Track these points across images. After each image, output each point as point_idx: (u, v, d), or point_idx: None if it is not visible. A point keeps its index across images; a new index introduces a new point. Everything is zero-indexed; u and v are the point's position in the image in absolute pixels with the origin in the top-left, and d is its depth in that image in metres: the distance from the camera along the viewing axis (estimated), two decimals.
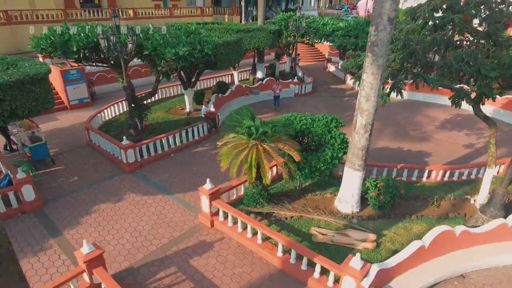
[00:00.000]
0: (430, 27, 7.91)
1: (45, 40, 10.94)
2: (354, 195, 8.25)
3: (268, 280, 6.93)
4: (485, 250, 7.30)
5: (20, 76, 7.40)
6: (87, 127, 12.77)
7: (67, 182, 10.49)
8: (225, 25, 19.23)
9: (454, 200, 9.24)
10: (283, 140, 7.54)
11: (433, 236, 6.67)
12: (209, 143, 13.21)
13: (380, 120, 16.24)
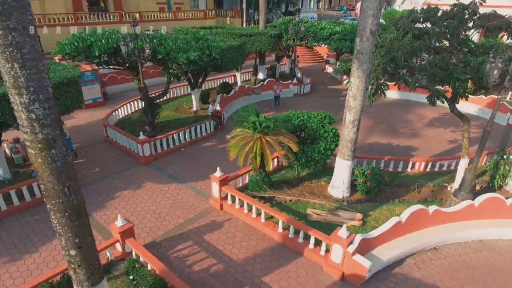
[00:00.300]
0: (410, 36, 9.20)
1: (69, 45, 12.24)
2: (344, 182, 9.55)
3: (270, 251, 8.22)
4: (455, 227, 8.60)
5: (60, 79, 8.71)
6: (105, 124, 14.08)
7: (90, 172, 11.80)
8: (228, 29, 20.53)
9: (434, 187, 10.54)
10: (283, 133, 8.84)
11: (409, 213, 7.97)
12: (216, 139, 14.52)
13: (373, 118, 17.58)
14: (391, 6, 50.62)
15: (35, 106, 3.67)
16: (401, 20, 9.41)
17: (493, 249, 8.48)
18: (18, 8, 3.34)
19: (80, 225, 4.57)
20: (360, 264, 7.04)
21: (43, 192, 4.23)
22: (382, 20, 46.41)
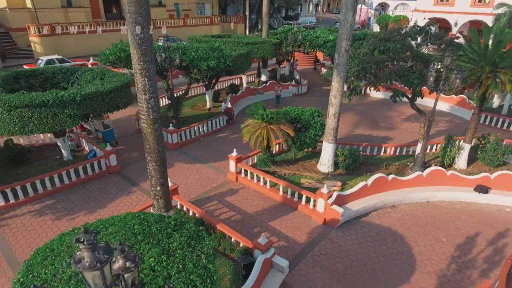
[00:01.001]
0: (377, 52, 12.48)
1: (113, 55, 15.52)
2: (329, 160, 12.81)
3: (273, 208, 11.48)
4: (409, 191, 11.85)
5: (122, 83, 11.99)
6: (137, 118, 17.33)
7: (130, 156, 15.05)
8: (235, 37, 23.81)
9: (398, 166, 13.80)
10: (283, 123, 12.10)
11: (373, 179, 11.22)
12: (228, 131, 17.80)
13: (359, 114, 20.86)
14: (385, 11, 53.89)
15: (151, 100, 6.94)
16: (371, 38, 12.68)
17: (435, 206, 11.76)
18: (150, 49, 6.59)
19: (163, 171, 7.85)
20: (336, 211, 10.30)
21: (146, 149, 7.49)
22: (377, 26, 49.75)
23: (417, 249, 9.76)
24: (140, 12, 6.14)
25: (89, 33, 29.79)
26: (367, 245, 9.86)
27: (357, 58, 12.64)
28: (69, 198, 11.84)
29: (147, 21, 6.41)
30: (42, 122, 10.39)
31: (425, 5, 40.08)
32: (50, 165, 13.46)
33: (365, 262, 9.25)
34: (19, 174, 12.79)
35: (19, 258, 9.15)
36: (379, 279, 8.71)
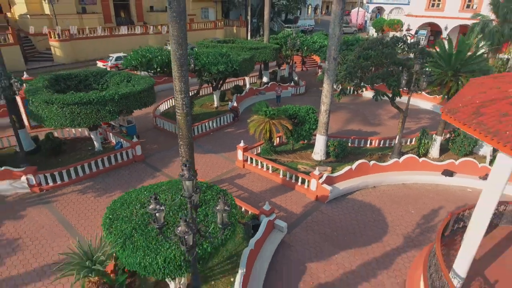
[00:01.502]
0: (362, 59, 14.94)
1: (135, 60, 17.93)
2: (321, 150, 15.25)
3: (275, 188, 13.92)
4: (387, 175, 14.30)
5: (149, 84, 14.46)
6: (154, 115, 19.81)
7: (151, 147, 17.49)
8: (239, 43, 26.25)
9: (381, 155, 16.24)
10: (283, 118, 14.55)
11: (356, 164, 13.67)
12: (234, 127, 20.25)
13: (351, 113, 23.31)
14: (381, 15, 56.39)
15: (185, 99, 9.39)
16: (357, 47, 15.14)
17: (409, 187, 14.22)
18: (185, 62, 9.03)
19: (191, 152, 10.29)
20: (326, 189, 12.75)
21: (179, 135, 9.94)
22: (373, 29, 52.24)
23: (390, 219, 12.22)
24: (181, 36, 8.57)
25: (103, 37, 32.24)
26: (350, 216, 12.32)
27: (345, 64, 15.10)
28: (105, 181, 14.29)
29: (185, 43, 8.84)
30: (87, 117, 12.86)
31: (417, 10, 42.52)
32: (84, 155, 15.89)
33: (348, 227, 11.71)
34: (59, 162, 15.22)
35: (72, 224, 11.60)
36: (358, 240, 11.16)
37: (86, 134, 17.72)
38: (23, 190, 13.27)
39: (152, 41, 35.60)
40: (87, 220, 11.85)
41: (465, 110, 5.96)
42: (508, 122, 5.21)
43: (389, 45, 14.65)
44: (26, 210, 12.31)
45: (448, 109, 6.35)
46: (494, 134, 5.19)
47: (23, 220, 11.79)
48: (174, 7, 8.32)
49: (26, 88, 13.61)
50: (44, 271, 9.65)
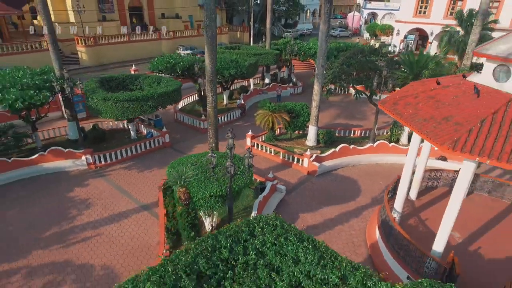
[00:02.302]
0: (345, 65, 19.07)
1: (161, 64, 22.02)
2: (313, 137, 19.37)
3: (276, 166, 18.05)
4: (364, 156, 18.42)
5: (177, 85, 18.61)
6: (175, 110, 23.94)
7: (175, 137, 21.59)
8: (244, 49, 30.36)
9: (361, 142, 20.36)
10: (282, 112, 18.67)
11: (339, 147, 17.80)
12: (242, 121, 24.35)
13: (340, 109, 27.43)
14: (375, 20, 60.49)
15: (214, 97, 13.50)
16: (342, 57, 19.26)
17: (381, 166, 18.34)
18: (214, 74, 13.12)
19: (216, 135, 14.42)
20: (315, 165, 16.87)
21: (209, 122, 14.04)
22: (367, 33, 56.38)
23: (363, 187, 16.34)
24: (212, 54, 12.67)
25: (122, 43, 36.38)
26: (333, 185, 16.46)
27: (332, 69, 19.25)
28: (143, 161, 18.42)
29: (215, 60, 12.96)
30: (134, 110, 17.00)
31: (406, 17, 46.63)
32: (122, 142, 19.99)
33: (331, 192, 15.83)
34: (104, 147, 19.31)
35: (125, 189, 15.72)
36: (338, 200, 15.28)
37: (120, 126, 21.85)
38: (82, 167, 17.41)
39: (164, 46, 39.74)
40: (136, 187, 15.98)
41: (390, 101, 10.05)
42: (408, 108, 9.28)
43: (366, 55, 18.78)
44: (88, 181, 16.44)
45: (382, 101, 10.46)
46: (401, 116, 9.27)
47: (88, 187, 15.93)
48: (209, 33, 12.45)
49: (85, 88, 17.71)
50: (113, 218, 13.78)
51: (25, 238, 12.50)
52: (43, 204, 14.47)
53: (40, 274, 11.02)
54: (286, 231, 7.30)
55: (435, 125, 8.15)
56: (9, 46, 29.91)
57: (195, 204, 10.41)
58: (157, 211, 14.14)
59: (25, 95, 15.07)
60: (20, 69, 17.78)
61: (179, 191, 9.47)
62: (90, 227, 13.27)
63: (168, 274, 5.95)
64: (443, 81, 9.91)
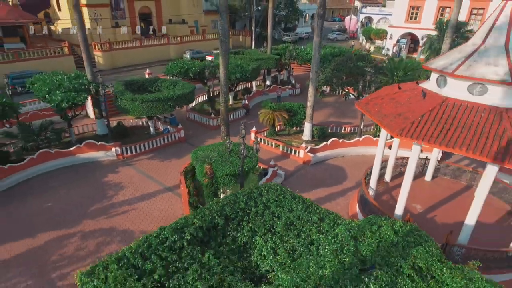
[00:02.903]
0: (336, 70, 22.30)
1: (176, 69, 25.25)
2: (308, 133, 22.61)
3: (276, 157, 21.27)
4: (351, 148, 21.64)
5: (192, 88, 21.85)
6: (187, 109, 27.17)
7: (188, 133, 24.81)
8: (248, 54, 33.60)
9: (350, 137, 23.59)
10: (282, 111, 21.91)
11: (330, 141, 21.04)
12: (246, 119, 27.55)
13: (334, 109, 30.65)
14: (371, 24, 63.72)
15: (226, 98, 16.74)
16: (333, 62, 22.48)
17: (366, 157, 21.55)
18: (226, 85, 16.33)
19: (228, 129, 17.67)
20: (309, 156, 20.11)
21: (221, 118, 17.27)
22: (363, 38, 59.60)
23: (349, 174, 19.56)
24: (225, 65, 15.90)
25: (134, 48, 39.63)
26: (324, 172, 19.68)
27: (324, 74, 22.49)
28: (162, 153, 21.66)
29: (227, 69, 16.19)
30: (157, 109, 20.24)
31: (399, 22, 49.89)
32: (142, 137, 23.19)
33: (322, 178, 19.04)
34: (127, 141, 22.52)
35: (150, 175, 18.94)
36: (328, 184, 18.47)
37: (140, 123, 25.08)
38: (112, 158, 20.64)
39: (172, 50, 42.98)
40: (159, 173, 19.20)
41: (363, 101, 13.27)
42: (376, 107, 12.49)
43: (354, 62, 22.03)
44: (119, 169, 19.67)
45: (358, 102, 13.67)
46: (370, 112, 12.48)
47: (119, 174, 19.16)
48: (223, 48, 15.69)
49: (115, 90, 20.93)
50: (143, 197, 17.00)
51: (76, 212, 15.73)
52: (85, 187, 17.71)
53: (92, 237, 14.24)
54: (283, 192, 10.55)
55: (391, 119, 11.38)
56: (33, 52, 33.07)
57: (216, 180, 13.65)
58: (179, 192, 17.36)
59: (69, 97, 18.29)
60: (58, 74, 20.98)
61: (206, 167, 12.67)
62: (126, 203, 16.50)
63: (206, 215, 9.18)
64: (403, 87, 13.15)
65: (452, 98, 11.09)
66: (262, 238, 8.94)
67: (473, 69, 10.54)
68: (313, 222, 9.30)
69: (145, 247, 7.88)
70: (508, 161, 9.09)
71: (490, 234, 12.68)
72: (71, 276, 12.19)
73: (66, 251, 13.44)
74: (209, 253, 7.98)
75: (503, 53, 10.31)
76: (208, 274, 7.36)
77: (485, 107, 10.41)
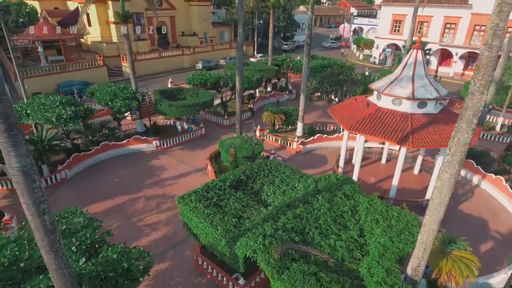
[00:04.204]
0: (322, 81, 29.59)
1: (197, 79, 32.50)
2: (300, 130, 29.88)
3: (275, 148, 28.56)
4: (332, 142, 28.90)
5: (211, 96, 29.07)
6: (204, 112, 34.42)
7: (207, 130, 32.06)
8: (252, 66, 40.86)
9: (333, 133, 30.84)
10: (280, 113, 29.18)
11: (316, 136, 28.30)
12: (251, 119, 34.84)
13: (323, 112, 37.93)
14: (361, 34, 70.98)
15: (240, 104, 23.98)
16: (319, 77, 29.75)
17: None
18: (242, 89, 23.55)
19: (241, 126, 24.93)
20: (301, 147, 27.41)
21: (236, 117, 24.49)
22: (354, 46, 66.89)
23: (329, 160, 26.80)
24: (240, 80, 23.07)
25: (154, 59, 46.91)
26: (311, 159, 26.94)
27: (313, 85, 29.76)
28: (188, 146, 28.93)
29: (242, 83, 23.35)
30: (186, 112, 27.53)
31: (384, 33, 57.17)
32: (172, 133, 30.39)
33: (309, 162, 26.30)
34: (161, 137, 29.73)
35: (183, 161, 26.19)
36: (314, 166, 25.70)
37: (168, 123, 32.31)
38: (153, 149, 27.88)
39: (186, 60, 50.26)
40: (189, 159, 26.47)
41: (332, 108, 20.47)
42: (339, 112, 19.67)
43: (335, 76, 29.31)
44: (159, 156, 26.92)
45: (329, 108, 20.87)
46: (335, 115, 19.64)
47: (160, 160, 26.42)
48: (239, 69, 22.89)
49: (155, 98, 28.17)
50: (181, 175, 24.23)
51: (137, 184, 22.97)
52: (138, 169, 24.95)
53: (152, 199, 21.48)
54: (280, 164, 17.80)
55: (347, 120, 18.62)
56: (75, 64, 40.32)
57: (237, 159, 20.92)
58: (206, 172, 24.58)
59: (126, 103, 25.50)
60: (111, 85, 28.19)
61: (231, 150, 19.86)
62: (170, 179, 23.75)
63: (235, 174, 16.44)
64: (358, 99, 20.40)
65: (383, 107, 18.36)
66: (267, 187, 16.18)
67: (394, 90, 17.80)
68: (296, 178, 16.54)
69: (206, 187, 15.13)
70: (406, 144, 16.34)
71: (413, 193, 19.93)
72: (144, 220, 19.42)
73: (137, 207, 20.68)
74: (239, 192, 15.22)
75: (410, 81, 17.56)
76: (240, 202, 14.60)
77: (400, 113, 17.68)
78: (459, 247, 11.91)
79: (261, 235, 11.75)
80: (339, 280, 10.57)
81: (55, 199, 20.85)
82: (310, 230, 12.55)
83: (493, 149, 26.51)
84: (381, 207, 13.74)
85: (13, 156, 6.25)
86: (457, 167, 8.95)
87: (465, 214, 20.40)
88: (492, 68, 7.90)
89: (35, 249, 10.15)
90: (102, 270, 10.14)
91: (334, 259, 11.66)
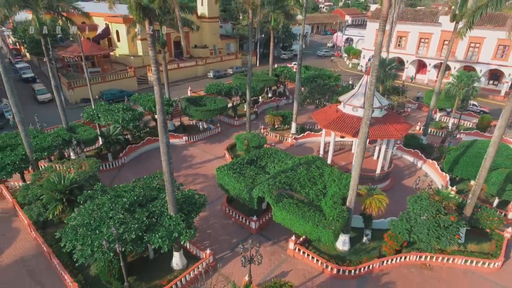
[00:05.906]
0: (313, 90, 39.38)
1: (213, 89, 42.26)
2: (294, 129, 39.64)
3: (275, 142, 38.34)
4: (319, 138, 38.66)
5: (226, 103, 38.82)
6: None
7: (221, 129, 41.79)
8: (256, 76, 50.59)
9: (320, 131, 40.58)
10: (279, 115, 38.93)
11: (306, 133, 38.07)
12: (256, 120, 44.58)
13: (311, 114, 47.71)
14: (352, 44, 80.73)
15: (249, 109, 33.72)
16: (308, 88, 39.50)
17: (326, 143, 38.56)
18: (250, 96, 33.25)
19: (250, 126, 34.72)
20: (294, 141, 37.22)
21: (247, 118, 34.22)
22: (345, 54, 76.69)
23: (314, 151, 36.55)
24: (249, 93, 32.73)
25: (173, 69, 56.67)
26: (301, 150, 36.76)
27: (304, 94, 39.53)
28: (209, 140, 38.77)
29: (250, 94, 33.03)
30: (208, 115, 37.37)
31: (369, 45, 66.92)
32: (195, 131, 40.11)
33: (299, 152, 35.99)
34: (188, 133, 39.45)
35: (207, 151, 35.99)
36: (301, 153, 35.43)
37: (191, 123, 42.06)
38: (183, 143, 37.68)
39: (199, 70, 60.02)
40: (211, 150, 36.31)
41: (315, 113, 30.14)
42: (317, 115, 29.33)
43: (321, 87, 39.09)
44: (188, 149, 36.74)
45: (313, 112, 30.53)
46: (315, 118, 29.28)
47: (189, 151, 36.25)
48: (249, 87, 32.62)
49: (185, 104, 37.94)
50: (207, 161, 34.03)
51: (175, 167, 32.71)
52: (173, 157, 34.67)
53: (189, 176, 31.24)
54: (278, 151, 27.60)
55: (322, 120, 28.39)
56: (112, 74, 50.02)
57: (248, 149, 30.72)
58: (225, 158, 34.28)
59: (166, 109, 35.22)
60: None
61: (245, 142, 29.58)
62: (199, 164, 33.54)
63: (250, 156, 26.27)
64: (332, 106, 30.14)
65: (346, 113, 28.12)
66: (270, 164, 25.95)
67: (353, 101, 27.55)
68: (288, 158, 26.30)
69: (233, 163, 24.92)
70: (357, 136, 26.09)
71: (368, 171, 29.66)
72: (187, 187, 29.21)
73: (179, 179, 30.40)
74: (252, 166, 25.03)
75: (363, 95, 27.30)
76: (253, 171, 24.38)
77: (356, 117, 27.43)
78: (378, 193, 21.66)
79: (266, 185, 21.50)
80: (310, 208, 20.29)
81: (122, 176, 30.63)
82: (294, 184, 22.30)
83: (437, 142, 36.33)
84: (337, 173, 23.52)
85: (163, 134, 16.06)
86: (363, 144, 18.71)
87: (405, 184, 30.22)
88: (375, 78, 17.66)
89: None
90: (184, 201, 19.97)
91: (308, 199, 21.40)
